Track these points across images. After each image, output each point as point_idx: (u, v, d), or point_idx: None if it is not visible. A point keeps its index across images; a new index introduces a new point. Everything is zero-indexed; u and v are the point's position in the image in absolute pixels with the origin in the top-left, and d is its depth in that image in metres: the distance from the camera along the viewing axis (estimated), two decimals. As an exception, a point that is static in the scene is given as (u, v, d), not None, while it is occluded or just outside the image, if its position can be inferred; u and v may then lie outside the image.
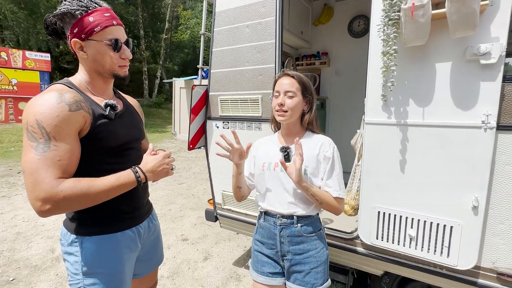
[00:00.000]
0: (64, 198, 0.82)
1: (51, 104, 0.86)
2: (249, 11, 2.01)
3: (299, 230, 1.23)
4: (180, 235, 3.34)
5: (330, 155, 1.23)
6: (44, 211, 0.82)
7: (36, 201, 0.82)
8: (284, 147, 1.26)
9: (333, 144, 1.27)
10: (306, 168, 1.22)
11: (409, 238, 1.55)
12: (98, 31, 0.94)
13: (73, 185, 0.85)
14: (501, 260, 1.38)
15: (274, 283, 1.27)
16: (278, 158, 1.24)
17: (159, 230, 1.33)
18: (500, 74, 1.26)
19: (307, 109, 1.28)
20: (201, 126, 2.33)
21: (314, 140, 1.28)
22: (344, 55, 3.38)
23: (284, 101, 1.22)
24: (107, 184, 0.90)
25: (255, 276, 1.31)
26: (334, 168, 1.23)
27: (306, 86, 1.25)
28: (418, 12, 1.23)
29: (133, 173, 0.96)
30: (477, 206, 1.35)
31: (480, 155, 1.33)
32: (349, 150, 1.96)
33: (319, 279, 1.22)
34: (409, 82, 1.47)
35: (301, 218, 1.24)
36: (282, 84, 1.24)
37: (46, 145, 0.84)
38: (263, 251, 1.31)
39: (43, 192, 0.81)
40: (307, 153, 1.22)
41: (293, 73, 1.25)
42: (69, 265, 1.02)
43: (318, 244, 1.25)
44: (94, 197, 0.89)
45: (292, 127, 1.30)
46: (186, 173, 6.14)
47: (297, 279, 1.23)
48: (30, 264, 2.66)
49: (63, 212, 0.87)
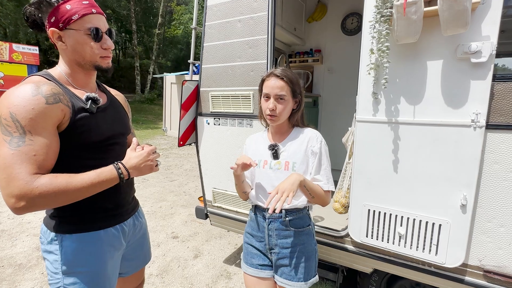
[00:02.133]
0: (40, 194, 0.79)
1: (27, 96, 0.82)
2: (241, 5, 1.97)
3: (287, 224, 1.25)
4: (171, 232, 3.30)
5: (318, 150, 1.24)
6: (18, 208, 0.79)
7: (10, 198, 0.78)
8: (272, 145, 1.28)
9: (320, 137, 1.27)
10: (294, 163, 1.24)
11: (398, 236, 1.55)
12: (76, 19, 0.90)
13: (50, 181, 0.81)
14: (488, 258, 1.40)
15: (262, 275, 1.29)
16: (268, 157, 1.27)
17: (145, 228, 1.30)
18: (490, 73, 1.26)
19: (296, 108, 1.28)
20: (192, 122, 2.29)
21: (302, 135, 1.28)
22: (337, 53, 3.38)
23: (275, 106, 1.20)
24: (87, 181, 0.86)
25: (245, 267, 1.34)
26: (321, 162, 1.24)
27: (295, 86, 1.23)
28: (411, 9, 1.22)
29: (115, 169, 0.93)
30: (465, 205, 1.36)
31: (469, 153, 1.33)
32: (341, 148, 1.95)
33: (305, 273, 1.24)
34: (401, 80, 1.46)
35: (290, 212, 1.25)
36: (272, 87, 1.20)
37: (21, 139, 0.80)
38: (253, 244, 1.33)
39: (17, 188, 0.77)
40: (295, 149, 1.25)
41: (282, 74, 1.20)
42: (49, 264, 0.98)
43: (306, 240, 1.27)
44: (73, 194, 0.85)
45: (281, 125, 1.30)
46: (177, 170, 6.08)
47: (284, 272, 1.25)
48: (15, 262, 2.58)
49: (40, 209, 0.83)
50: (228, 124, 2.14)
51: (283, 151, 1.26)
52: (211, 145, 2.26)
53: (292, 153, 1.25)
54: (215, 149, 2.24)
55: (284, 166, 1.25)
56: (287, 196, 1.04)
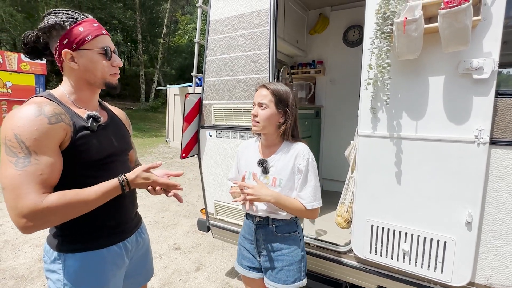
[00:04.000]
0: (50, 212, 0.81)
1: (30, 117, 0.83)
2: (243, 20, 2.00)
3: (273, 231, 1.32)
4: (173, 244, 3.28)
5: (303, 168, 1.26)
6: (28, 227, 0.80)
7: (20, 218, 0.79)
8: (261, 160, 1.33)
9: (308, 154, 1.28)
10: (281, 180, 1.28)
11: (402, 252, 1.53)
12: (90, 40, 0.95)
13: (58, 199, 0.83)
14: (495, 277, 1.36)
15: (250, 275, 1.41)
16: (257, 169, 1.34)
17: (148, 244, 1.29)
18: (492, 89, 1.26)
19: (283, 121, 1.30)
20: (194, 134, 2.30)
21: (290, 151, 1.31)
22: (339, 64, 3.39)
23: (257, 112, 1.28)
24: (92, 193, 0.90)
25: (236, 265, 1.47)
26: (307, 180, 1.27)
27: (281, 98, 1.27)
28: (411, 26, 1.23)
29: (118, 179, 0.95)
30: (470, 222, 1.34)
31: (473, 170, 1.32)
32: (343, 159, 1.94)
33: (290, 277, 1.30)
34: (402, 95, 1.46)
35: (275, 220, 1.33)
36: (258, 96, 1.30)
37: (26, 159, 0.81)
38: (245, 246, 1.43)
39: (26, 208, 0.79)
40: (282, 166, 1.29)
41: (270, 85, 1.29)
42: (51, 283, 0.98)
43: (292, 244, 1.33)
44: (80, 208, 0.88)
45: (269, 138, 1.34)
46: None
47: (270, 274, 1.33)
48: (17, 274, 2.58)
49: (49, 226, 0.86)
50: (230, 137, 2.15)
51: (272, 166, 1.31)
52: (214, 158, 2.26)
53: (279, 170, 1.29)
54: (217, 161, 2.24)
55: (271, 182, 1.30)
56: (248, 199, 1.18)
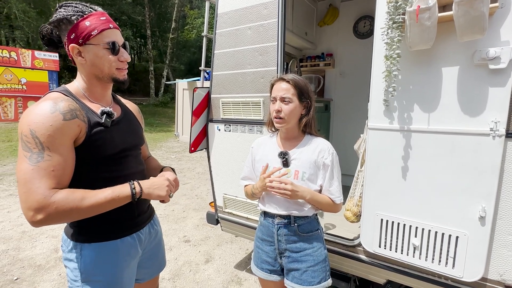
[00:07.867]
0: (56, 209, 0.82)
1: (45, 114, 0.85)
2: (251, 13, 1.98)
3: (295, 230, 1.26)
4: (183, 236, 3.34)
5: (329, 163, 1.24)
6: (36, 221, 0.82)
7: (29, 211, 0.81)
8: (282, 152, 1.28)
9: (332, 149, 1.27)
10: (304, 173, 1.24)
11: (412, 247, 1.50)
12: (96, 35, 0.94)
13: (66, 196, 0.84)
14: (509, 273, 1.33)
15: (271, 279, 1.34)
16: (277, 164, 1.28)
17: (160, 235, 1.31)
18: (510, 80, 1.21)
19: (305, 113, 1.27)
20: (203, 128, 2.31)
21: (312, 145, 1.28)
22: (349, 57, 3.33)
23: (280, 107, 1.22)
24: (102, 198, 0.90)
25: (255, 269, 1.39)
26: (333, 175, 1.25)
27: (302, 90, 1.24)
28: (424, 15, 1.19)
29: (130, 186, 0.96)
30: (484, 216, 1.30)
31: (488, 163, 1.28)
32: (353, 153, 1.92)
33: (316, 277, 1.24)
34: (414, 87, 1.42)
35: (298, 218, 1.27)
36: (278, 90, 1.24)
37: (40, 155, 0.84)
38: (263, 248, 1.35)
39: (35, 202, 0.81)
40: (305, 158, 1.25)
41: (289, 78, 1.24)
42: (69, 271, 1.02)
43: (315, 243, 1.28)
44: (87, 210, 0.88)
45: (291, 131, 1.30)
46: (190, 173, 6.16)
47: (294, 277, 1.26)
48: (34, 263, 2.68)
49: (56, 223, 0.87)
50: (238, 131, 2.15)
51: (294, 159, 1.26)
52: (222, 151, 2.27)
53: (303, 162, 1.25)
54: (225, 155, 2.25)
55: (293, 175, 1.25)
56: (284, 193, 1.15)
